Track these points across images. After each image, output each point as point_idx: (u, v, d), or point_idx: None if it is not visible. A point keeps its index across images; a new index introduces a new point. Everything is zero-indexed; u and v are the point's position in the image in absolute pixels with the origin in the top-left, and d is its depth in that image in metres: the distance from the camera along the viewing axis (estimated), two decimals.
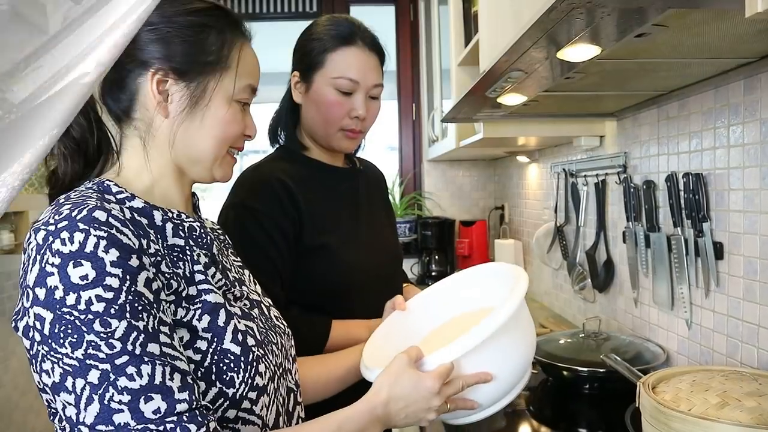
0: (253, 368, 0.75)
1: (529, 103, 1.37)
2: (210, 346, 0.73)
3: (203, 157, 0.80)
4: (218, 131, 0.80)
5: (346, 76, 1.19)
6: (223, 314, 0.75)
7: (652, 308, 1.51)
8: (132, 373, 0.63)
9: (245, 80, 0.82)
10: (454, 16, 2.12)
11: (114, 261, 0.65)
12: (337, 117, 1.20)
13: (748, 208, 1.13)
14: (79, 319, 0.63)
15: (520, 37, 0.87)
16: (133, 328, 0.64)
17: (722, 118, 1.20)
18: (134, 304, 0.65)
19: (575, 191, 1.96)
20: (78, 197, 0.71)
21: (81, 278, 0.63)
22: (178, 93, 0.78)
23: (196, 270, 0.76)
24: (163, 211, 0.77)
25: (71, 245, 0.64)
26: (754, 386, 0.87)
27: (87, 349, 0.63)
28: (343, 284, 1.20)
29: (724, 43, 0.91)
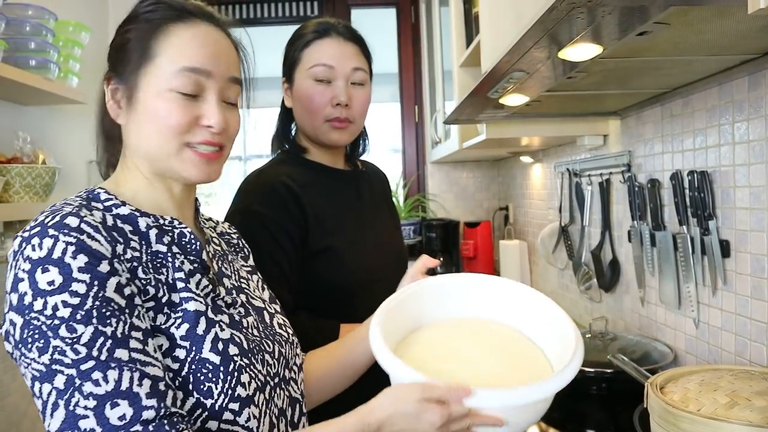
0: (234, 378, 0.74)
1: (532, 103, 1.36)
2: (188, 354, 0.72)
3: (157, 153, 0.78)
4: (154, 126, 0.76)
5: (320, 63, 1.20)
6: (203, 322, 0.74)
7: (659, 307, 1.50)
8: (98, 378, 0.63)
9: (177, 64, 0.76)
10: (455, 17, 2.11)
11: (81, 267, 0.65)
12: (319, 106, 1.20)
13: (755, 205, 1.12)
14: (46, 324, 0.63)
15: (521, 37, 0.86)
16: (99, 334, 0.64)
17: (727, 115, 1.19)
18: (102, 309, 0.65)
19: (579, 191, 1.95)
20: (60, 205, 0.72)
21: (48, 284, 0.64)
22: (119, 93, 0.79)
23: (177, 277, 0.75)
24: (154, 217, 0.78)
25: (40, 251, 0.65)
26: (763, 385, 0.86)
27: (53, 354, 0.63)
28: (348, 286, 1.20)
29: (726, 39, 0.90)
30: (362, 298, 1.21)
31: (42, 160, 1.84)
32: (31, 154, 1.81)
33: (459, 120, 1.72)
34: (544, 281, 2.52)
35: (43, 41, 1.78)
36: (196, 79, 0.77)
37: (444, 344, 0.88)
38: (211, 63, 0.78)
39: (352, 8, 3.28)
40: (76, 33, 2.02)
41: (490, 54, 1.41)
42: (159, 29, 0.78)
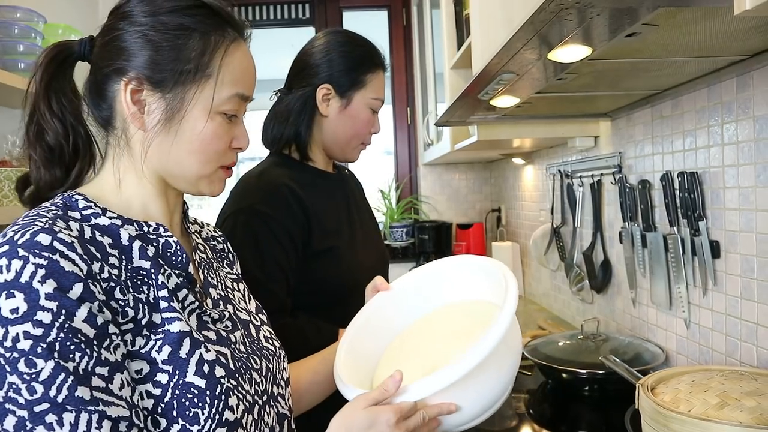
0: (221, 402, 0.68)
1: (523, 104, 1.37)
2: (171, 379, 0.66)
3: (185, 173, 0.74)
4: (197, 147, 0.73)
5: (380, 98, 1.31)
6: (186, 344, 0.68)
7: (651, 308, 1.50)
8: (52, 422, 0.57)
9: (231, 89, 0.73)
10: (446, 19, 2.11)
11: (49, 293, 0.59)
12: (366, 133, 1.31)
13: (744, 205, 1.12)
14: (5, 357, 0.58)
15: (511, 38, 0.86)
16: (60, 370, 0.58)
17: (716, 116, 1.20)
18: (66, 342, 0.59)
19: (571, 192, 1.95)
20: (32, 217, 0.65)
21: (11, 311, 0.58)
22: (153, 104, 0.71)
23: (160, 296, 0.69)
24: (137, 225, 0.71)
25: (7, 273, 0.59)
26: (753, 385, 0.86)
27: (8, 391, 0.57)
28: (346, 285, 1.23)
29: (715, 41, 0.91)
30: (355, 297, 1.24)
31: None
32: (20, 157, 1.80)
33: (450, 122, 1.72)
34: (536, 282, 2.52)
35: (32, 44, 1.77)
36: (241, 104, 0.76)
37: (399, 349, 0.94)
38: (252, 89, 0.78)
39: (344, 10, 3.28)
40: (65, 35, 2.00)
41: (481, 56, 1.42)
42: (219, 46, 0.73)
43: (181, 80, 0.71)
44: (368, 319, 0.98)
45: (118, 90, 0.72)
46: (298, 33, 3.42)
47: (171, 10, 0.72)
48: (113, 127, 0.75)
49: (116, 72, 0.71)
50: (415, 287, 1.01)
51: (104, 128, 0.76)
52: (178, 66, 0.71)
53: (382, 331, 0.97)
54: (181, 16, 0.72)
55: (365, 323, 0.97)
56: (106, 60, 0.72)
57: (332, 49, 1.27)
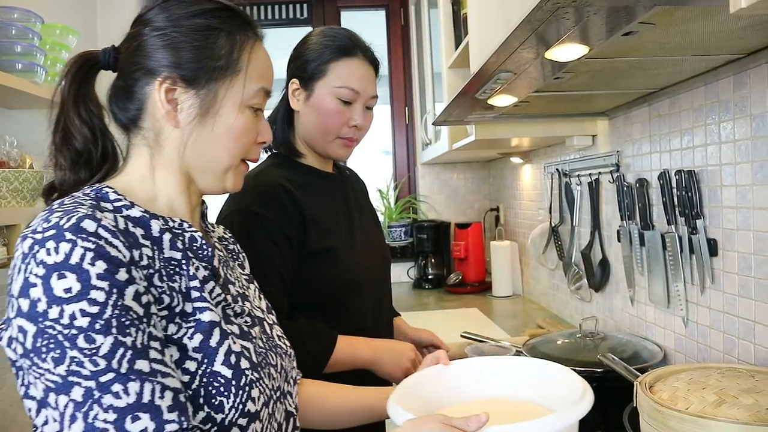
0: (245, 393, 0.71)
1: (520, 104, 1.37)
2: (199, 367, 0.69)
3: (215, 167, 0.78)
4: (230, 140, 0.77)
5: (348, 86, 1.22)
6: (216, 334, 0.71)
7: (649, 306, 1.50)
8: (118, 391, 0.60)
9: (257, 83, 0.78)
10: (444, 18, 2.12)
11: (100, 274, 0.62)
12: (337, 125, 1.23)
13: (741, 204, 1.12)
14: (62, 334, 0.60)
15: (508, 37, 0.86)
16: (119, 345, 0.61)
17: (713, 114, 1.20)
18: (121, 318, 0.62)
19: (569, 191, 1.96)
20: (70, 204, 0.68)
21: (65, 291, 0.60)
22: (187, 101, 0.75)
23: (192, 286, 0.72)
24: (163, 220, 0.74)
25: (56, 256, 0.61)
26: (750, 383, 0.87)
27: (70, 365, 0.60)
28: (344, 286, 1.23)
29: (711, 39, 0.91)
30: (354, 297, 1.26)
31: (29, 165, 1.83)
32: (18, 158, 1.80)
33: (448, 121, 1.72)
34: (535, 282, 2.52)
35: (29, 44, 1.76)
36: (265, 99, 0.80)
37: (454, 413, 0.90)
38: (272, 84, 0.82)
39: (342, 10, 3.28)
40: (63, 36, 2.00)
41: (479, 55, 1.42)
42: (245, 44, 0.77)
43: (213, 77, 0.75)
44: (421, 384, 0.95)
45: (151, 91, 0.75)
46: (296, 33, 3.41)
47: (196, 13, 0.76)
48: (140, 127, 0.77)
49: (148, 74, 0.75)
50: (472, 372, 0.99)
51: (127, 129, 0.79)
52: (209, 63, 0.75)
53: (433, 399, 0.94)
54: (207, 18, 0.76)
55: (416, 385, 0.95)
56: (136, 64, 0.75)
57: (303, 43, 1.27)
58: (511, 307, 2.50)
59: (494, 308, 2.48)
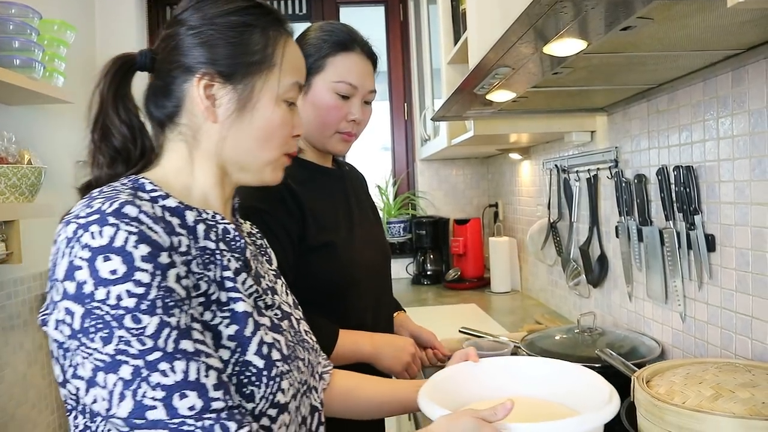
0: (275, 384, 0.73)
1: (519, 99, 1.37)
2: (232, 356, 0.71)
3: (254, 161, 0.80)
4: (266, 134, 0.78)
5: (346, 81, 1.22)
6: (251, 324, 0.73)
7: (647, 302, 1.51)
8: (165, 369, 0.62)
9: (291, 77, 0.80)
10: (443, 14, 2.11)
11: (144, 256, 0.63)
12: (335, 120, 1.24)
13: (739, 199, 1.13)
14: (110, 314, 0.62)
15: (506, 32, 0.86)
16: (164, 325, 0.63)
17: (711, 110, 1.20)
18: (165, 299, 0.64)
19: (568, 187, 1.96)
20: (110, 191, 0.70)
21: (111, 272, 0.62)
22: (225, 96, 0.77)
23: (225, 276, 0.74)
24: (197, 211, 0.75)
25: (101, 239, 0.63)
26: (747, 377, 0.87)
27: (118, 344, 0.62)
28: (343, 281, 1.23)
29: (709, 35, 0.91)
30: (353, 292, 1.26)
31: (28, 160, 1.83)
32: (16, 154, 1.80)
33: (446, 117, 1.72)
34: (533, 277, 2.53)
35: (27, 40, 1.76)
36: (298, 92, 0.83)
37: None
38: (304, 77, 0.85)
39: (341, 6, 3.28)
40: (61, 32, 2.00)
41: (477, 50, 1.42)
42: (278, 39, 0.80)
43: (249, 72, 0.77)
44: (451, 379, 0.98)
45: (189, 87, 0.77)
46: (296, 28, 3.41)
47: (231, 11, 0.78)
48: (176, 123, 0.79)
49: (186, 71, 0.77)
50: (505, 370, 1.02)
51: (162, 125, 0.80)
52: (245, 59, 0.77)
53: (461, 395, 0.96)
54: (241, 15, 0.78)
55: (446, 380, 0.97)
56: (174, 62, 0.77)
57: (301, 39, 1.27)
58: (510, 303, 2.50)
59: (493, 304, 2.48)
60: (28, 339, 2.10)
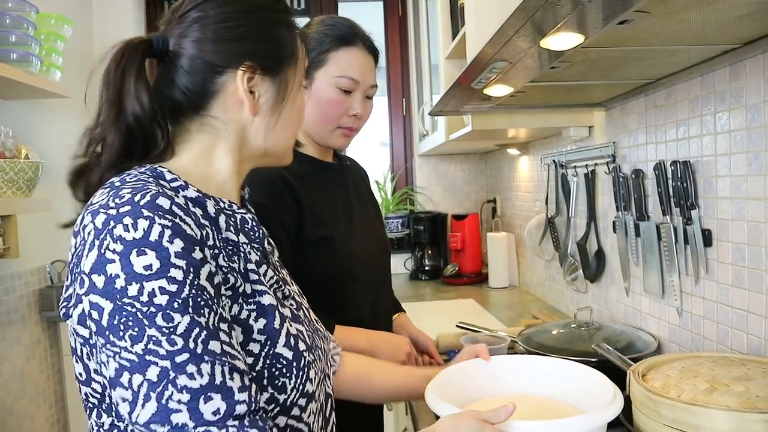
0: (304, 374, 0.73)
1: (517, 94, 1.36)
2: (263, 349, 0.70)
3: (282, 146, 0.83)
4: (299, 120, 0.85)
5: (347, 75, 1.23)
6: (278, 317, 0.73)
7: (644, 297, 1.51)
8: (192, 372, 0.60)
9: (304, 67, 0.85)
10: (442, 9, 2.11)
11: (178, 252, 0.62)
12: (336, 115, 1.24)
13: (736, 194, 1.13)
14: (141, 312, 0.60)
15: (503, 25, 0.86)
16: (195, 324, 0.62)
17: (709, 105, 1.20)
18: (197, 298, 0.62)
19: (565, 182, 1.96)
20: (135, 181, 0.68)
21: (145, 268, 0.60)
22: (266, 90, 0.79)
23: (249, 268, 0.73)
24: (214, 200, 0.74)
25: (135, 232, 0.61)
26: (742, 371, 0.87)
27: (147, 344, 0.60)
28: (341, 276, 1.24)
29: (707, 29, 0.91)
30: (351, 287, 1.27)
31: (25, 155, 1.83)
32: (13, 148, 1.79)
33: (444, 111, 1.72)
34: (531, 273, 2.53)
35: (24, 34, 1.76)
36: None
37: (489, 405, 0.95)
38: None
39: (340, 1, 3.27)
40: (58, 26, 1.99)
41: (475, 44, 1.42)
42: (297, 32, 0.84)
43: (284, 65, 0.80)
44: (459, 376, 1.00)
45: (226, 80, 0.76)
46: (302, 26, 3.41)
47: (262, 6, 0.80)
48: (200, 115, 0.78)
49: (223, 63, 0.76)
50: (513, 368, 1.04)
51: (180, 115, 0.78)
52: (282, 53, 0.80)
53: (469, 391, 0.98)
54: (272, 11, 0.81)
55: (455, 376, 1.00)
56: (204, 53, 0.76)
57: (305, 32, 1.28)
58: (507, 298, 2.51)
59: (490, 299, 2.48)
60: (25, 334, 2.10)
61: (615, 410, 0.81)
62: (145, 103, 0.75)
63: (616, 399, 0.83)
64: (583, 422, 0.78)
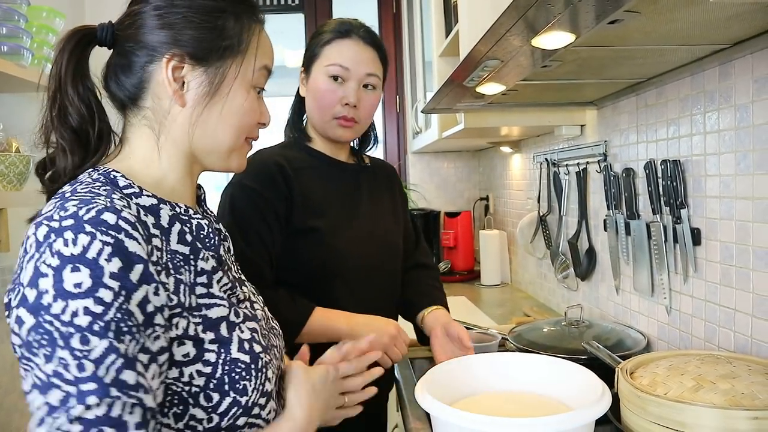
0: (263, 375, 0.74)
1: (509, 92, 1.37)
2: (219, 357, 0.70)
3: (220, 147, 0.78)
4: (237, 120, 0.77)
5: (336, 63, 1.25)
6: (225, 327, 0.72)
7: (633, 295, 1.52)
8: (92, 404, 0.57)
9: (262, 65, 0.80)
10: (435, 7, 2.11)
11: (114, 272, 0.60)
12: (329, 104, 1.25)
13: (724, 193, 1.14)
14: (59, 331, 0.58)
15: (495, 23, 0.87)
16: (112, 350, 0.59)
17: (698, 105, 1.21)
18: (121, 323, 0.60)
19: (557, 180, 1.97)
20: (85, 192, 0.66)
21: (75, 285, 0.58)
22: (195, 80, 0.74)
23: (198, 282, 0.72)
24: (170, 205, 0.73)
25: (74, 247, 0.59)
26: (728, 369, 0.88)
27: (57, 366, 0.58)
28: (327, 268, 1.24)
29: (696, 29, 0.92)
30: (342, 282, 1.26)
31: (16, 149, 1.81)
32: (4, 142, 1.78)
33: (437, 109, 1.72)
34: (522, 270, 2.54)
35: (15, 26, 1.74)
36: (266, 78, 0.82)
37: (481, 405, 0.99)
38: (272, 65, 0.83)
39: None
40: (50, 19, 1.98)
41: (468, 42, 1.42)
42: (252, 27, 0.79)
43: (223, 56, 0.75)
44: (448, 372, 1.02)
45: (155, 69, 0.74)
46: (288, 20, 3.40)
47: None
48: (140, 107, 0.76)
49: (153, 51, 0.73)
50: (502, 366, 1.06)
51: (125, 108, 0.77)
52: (219, 43, 0.75)
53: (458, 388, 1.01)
54: (215, 1, 0.76)
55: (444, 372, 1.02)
56: (139, 41, 0.74)
57: (312, 36, 1.32)
58: (499, 295, 2.52)
59: (482, 296, 2.49)
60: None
61: (603, 407, 0.82)
62: (88, 101, 0.74)
63: (604, 396, 0.85)
64: (572, 419, 0.79)
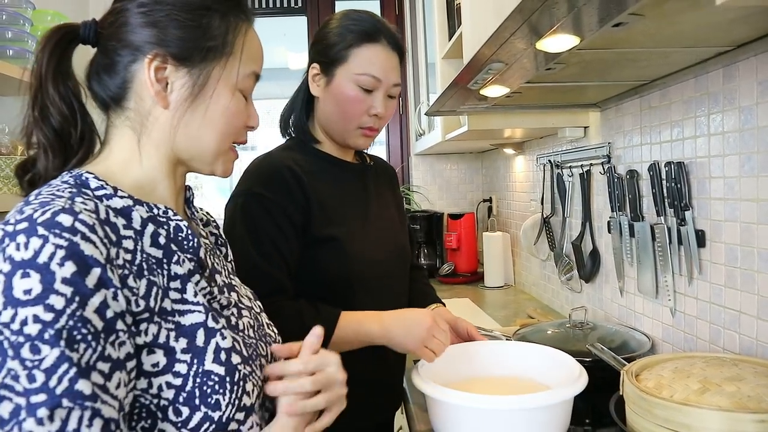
0: (240, 388, 0.69)
1: (513, 94, 1.37)
2: (190, 368, 0.66)
3: (205, 151, 0.75)
4: (222, 123, 0.75)
5: (369, 73, 1.18)
6: (201, 334, 0.68)
7: (638, 297, 1.52)
8: (42, 417, 0.54)
9: (250, 67, 0.77)
10: (438, 9, 2.11)
11: (66, 277, 0.57)
12: (357, 114, 1.20)
13: (729, 195, 1.14)
14: (9, 341, 0.55)
15: (499, 27, 0.87)
16: (65, 359, 0.56)
17: (702, 106, 1.21)
18: (73, 331, 0.57)
19: (561, 182, 1.97)
20: (48, 195, 0.64)
21: (24, 292, 0.56)
22: (179, 81, 0.72)
23: (173, 287, 0.69)
24: (148, 206, 0.71)
25: (25, 252, 0.57)
26: (734, 371, 0.88)
27: (6, 377, 0.55)
28: (348, 276, 1.19)
29: (700, 32, 0.92)
30: (359, 289, 1.21)
31: (21, 152, 1.82)
32: (9, 145, 1.79)
33: (441, 111, 1.73)
34: (526, 272, 2.54)
35: (20, 30, 1.75)
36: (254, 83, 0.79)
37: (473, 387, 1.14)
38: (261, 69, 0.80)
39: (337, 0, 3.27)
40: (54, 22, 1.99)
41: (472, 45, 1.42)
42: (239, 26, 0.76)
43: (208, 57, 0.73)
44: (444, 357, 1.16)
45: (137, 69, 0.72)
46: (291, 22, 3.41)
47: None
48: (123, 107, 0.74)
49: (135, 51, 0.72)
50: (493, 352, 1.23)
51: (108, 109, 0.76)
52: (203, 43, 0.73)
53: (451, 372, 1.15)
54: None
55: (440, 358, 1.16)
56: (122, 40, 0.72)
57: (324, 26, 1.24)
58: (503, 297, 2.52)
59: (486, 298, 2.49)
60: None
61: (580, 386, 0.96)
62: (70, 101, 0.72)
63: (581, 377, 0.99)
64: (551, 396, 0.93)
